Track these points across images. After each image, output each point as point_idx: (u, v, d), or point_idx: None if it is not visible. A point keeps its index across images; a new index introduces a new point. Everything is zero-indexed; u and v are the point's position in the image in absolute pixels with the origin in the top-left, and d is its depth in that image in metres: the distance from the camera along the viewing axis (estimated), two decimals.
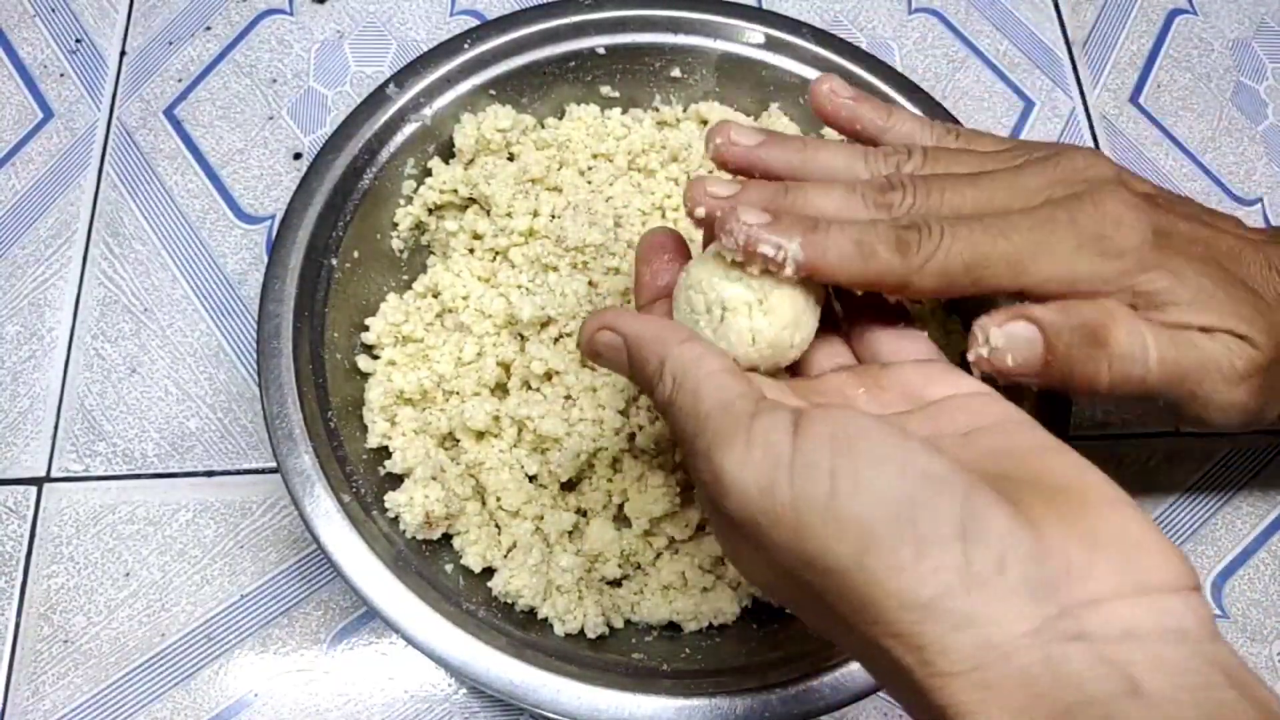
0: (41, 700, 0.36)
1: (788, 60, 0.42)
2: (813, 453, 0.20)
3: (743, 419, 0.22)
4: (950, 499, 0.19)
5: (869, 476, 0.19)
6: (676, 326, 0.25)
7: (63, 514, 0.39)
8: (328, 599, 0.38)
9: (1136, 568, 0.19)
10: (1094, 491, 0.20)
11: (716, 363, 0.24)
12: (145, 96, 0.48)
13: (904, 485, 0.19)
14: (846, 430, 0.20)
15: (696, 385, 0.23)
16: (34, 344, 0.42)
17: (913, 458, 0.20)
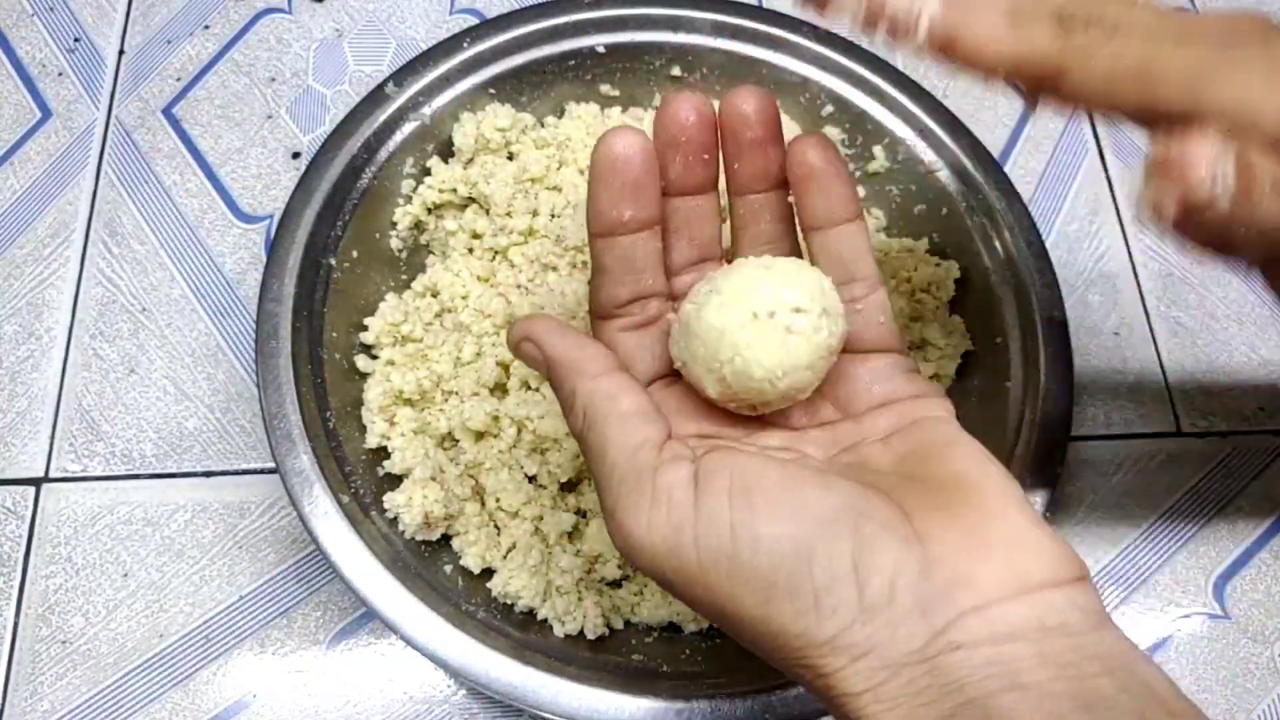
0: (40, 701, 0.36)
1: (789, 59, 0.42)
2: (713, 509, 0.21)
3: (645, 474, 0.22)
4: (843, 538, 0.20)
5: (766, 530, 0.21)
6: (596, 353, 0.25)
7: (61, 514, 0.39)
8: (326, 600, 0.38)
9: (1020, 568, 0.20)
10: (989, 489, 0.22)
11: (629, 402, 0.23)
12: (144, 96, 0.48)
13: (799, 533, 0.21)
14: (743, 478, 0.21)
15: (604, 427, 0.23)
16: (32, 344, 0.42)
17: (809, 498, 0.21)
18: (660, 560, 0.22)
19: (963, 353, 0.39)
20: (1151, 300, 0.46)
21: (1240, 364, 0.45)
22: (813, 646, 0.20)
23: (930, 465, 0.23)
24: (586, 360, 0.24)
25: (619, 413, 0.23)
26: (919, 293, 0.40)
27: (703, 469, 0.22)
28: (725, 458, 0.22)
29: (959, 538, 0.21)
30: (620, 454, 0.23)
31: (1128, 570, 0.40)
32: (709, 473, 0.22)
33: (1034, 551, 0.21)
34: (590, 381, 0.24)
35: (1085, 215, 0.47)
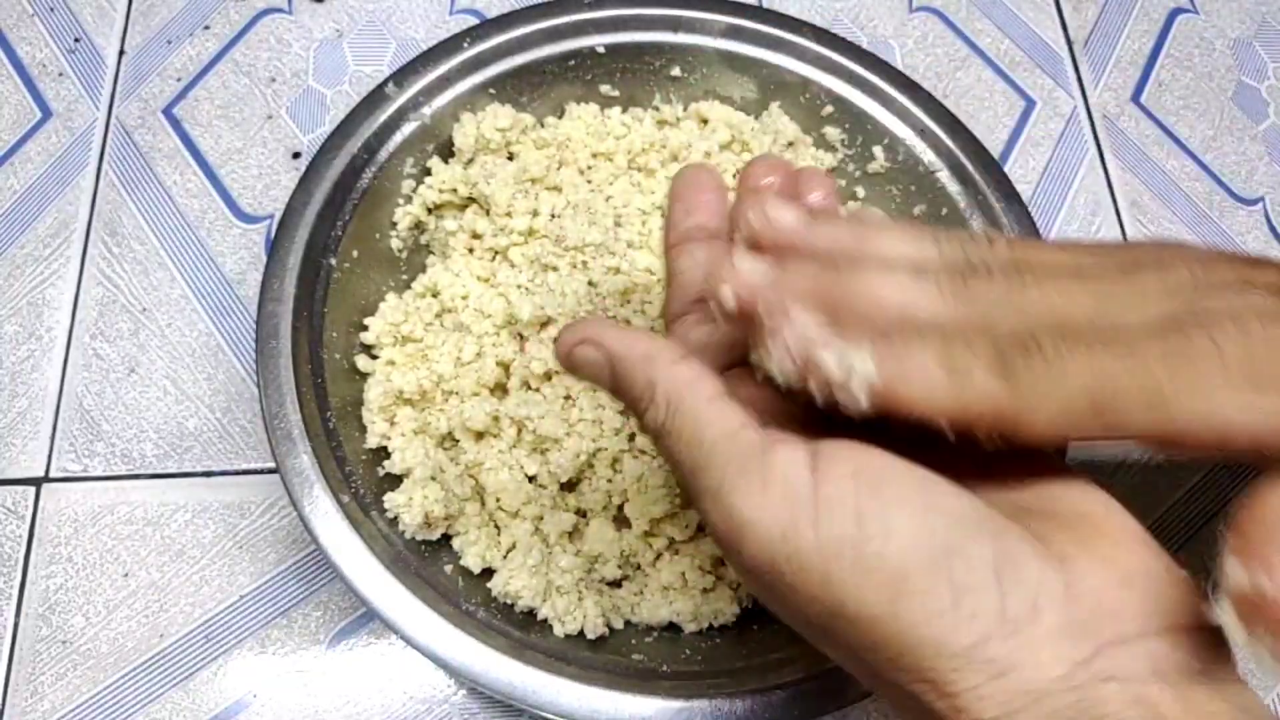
0: (40, 700, 0.36)
1: (789, 59, 0.42)
2: (837, 493, 0.19)
3: (754, 453, 0.20)
4: (982, 542, 0.19)
5: (899, 519, 0.19)
6: (667, 344, 0.23)
7: (61, 514, 0.39)
8: (327, 600, 0.38)
9: (1164, 604, 0.19)
10: (1115, 524, 0.20)
11: (713, 387, 0.22)
12: (144, 96, 0.48)
13: (935, 528, 0.19)
14: (869, 468, 0.19)
15: (696, 411, 0.21)
16: (32, 344, 0.42)
17: (940, 499, 0.19)
18: (773, 546, 0.19)
19: None
20: None
21: None
22: (944, 657, 0.18)
23: (1045, 497, 0.21)
24: (658, 349, 0.22)
25: (708, 395, 0.21)
26: None
27: (821, 454, 0.20)
28: (843, 446, 0.20)
29: (1098, 566, 0.19)
30: (721, 434, 0.20)
31: None
32: (828, 457, 0.20)
33: (1173, 588, 0.19)
34: (668, 368, 0.22)
35: (1085, 215, 0.47)
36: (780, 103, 0.43)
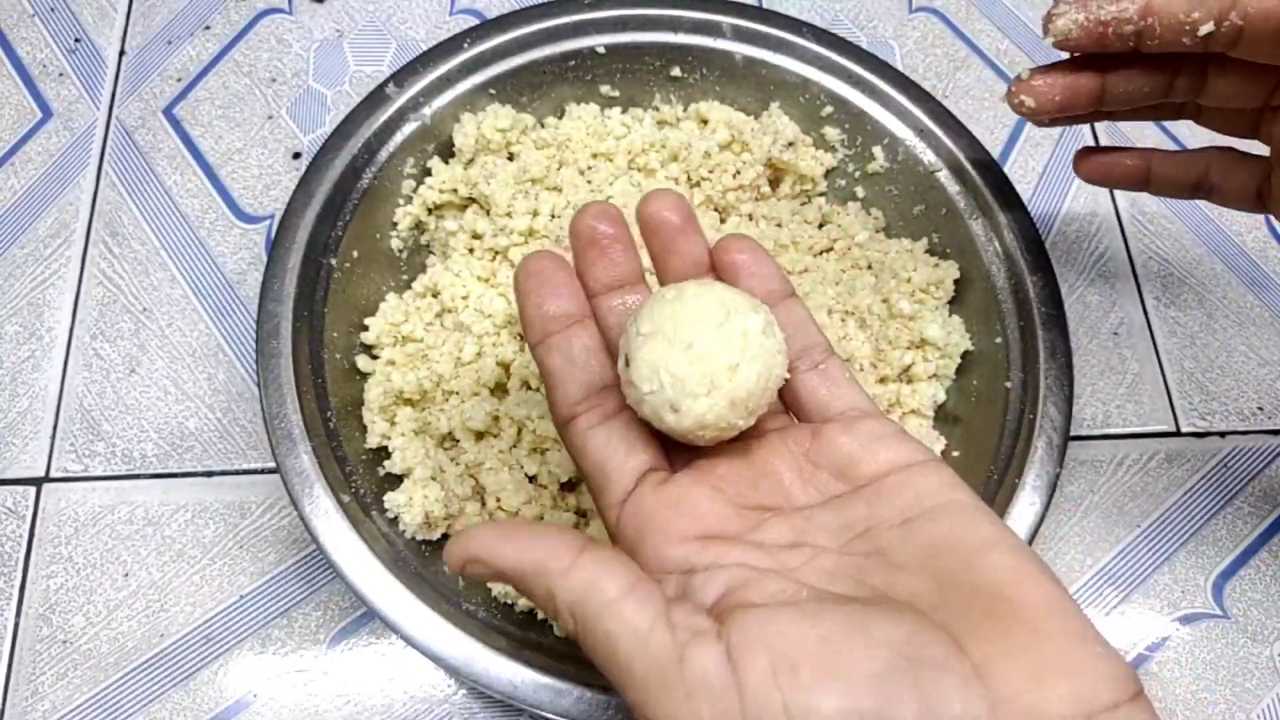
0: (40, 700, 0.36)
1: (789, 59, 0.42)
2: (760, 690, 0.19)
3: (669, 664, 0.20)
4: (905, 699, 0.19)
5: (823, 703, 0.19)
6: (554, 542, 0.22)
7: (62, 514, 0.39)
8: (327, 599, 0.38)
9: (1083, 694, 0.19)
10: (1035, 600, 0.21)
11: (615, 583, 0.21)
12: (144, 96, 0.48)
13: (858, 699, 0.19)
14: (783, 650, 0.20)
15: (602, 623, 0.21)
16: (33, 344, 0.42)
17: (856, 663, 0.20)
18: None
19: (962, 352, 0.40)
20: (1150, 300, 0.46)
21: (1239, 364, 0.45)
22: None
23: (966, 572, 0.22)
24: (549, 554, 0.22)
25: (610, 600, 0.21)
26: (918, 293, 0.40)
27: (734, 645, 0.20)
28: (754, 625, 0.20)
29: (1018, 666, 0.20)
30: (632, 647, 0.20)
31: (1127, 570, 0.40)
32: (743, 648, 0.20)
33: (1093, 673, 0.20)
34: (563, 578, 0.21)
35: (1084, 215, 0.47)
36: (780, 103, 0.43)
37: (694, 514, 0.24)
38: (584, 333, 0.27)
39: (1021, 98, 0.33)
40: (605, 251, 0.28)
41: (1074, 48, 0.31)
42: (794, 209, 0.43)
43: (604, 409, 0.27)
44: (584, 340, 0.27)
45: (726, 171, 0.41)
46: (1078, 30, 0.30)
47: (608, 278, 0.28)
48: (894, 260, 0.41)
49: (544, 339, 0.27)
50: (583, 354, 0.27)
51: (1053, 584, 0.21)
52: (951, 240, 0.41)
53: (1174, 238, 0.47)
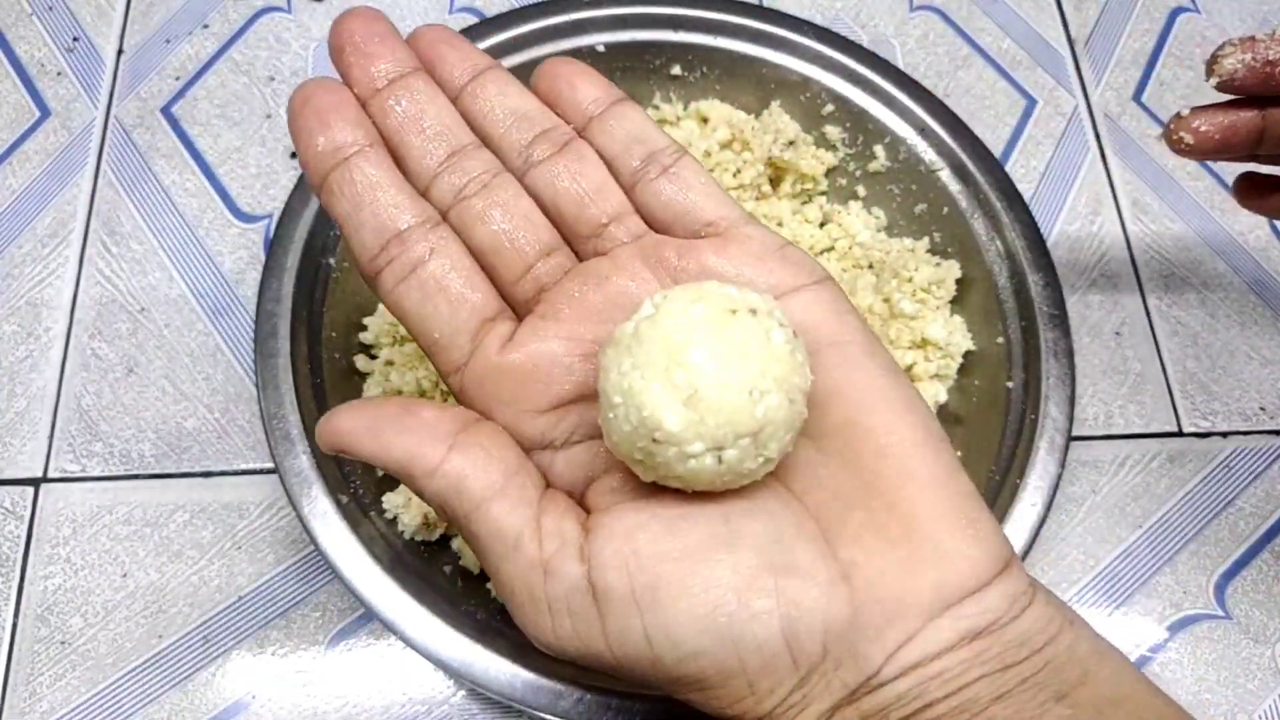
0: (39, 701, 0.36)
1: (789, 58, 0.42)
2: (621, 619, 0.19)
3: (536, 579, 0.20)
4: (768, 613, 0.19)
5: (683, 632, 0.19)
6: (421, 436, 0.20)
7: (59, 515, 0.39)
8: (325, 600, 0.38)
9: (950, 581, 0.20)
10: (915, 471, 0.20)
11: (483, 485, 0.20)
12: (142, 95, 0.48)
13: (718, 624, 0.19)
14: (645, 573, 0.19)
15: (468, 526, 0.20)
16: (31, 344, 0.42)
17: (717, 575, 0.19)
18: (578, 660, 0.20)
19: (964, 352, 0.39)
20: (1153, 300, 0.45)
21: (1241, 364, 0.44)
22: (751, 719, 0.20)
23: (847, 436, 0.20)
24: (412, 456, 0.20)
25: (477, 503, 0.20)
26: (920, 292, 0.40)
27: (596, 563, 0.19)
28: (617, 541, 0.19)
29: (885, 561, 0.20)
30: (501, 554, 0.20)
31: (1128, 571, 0.40)
32: (603, 567, 0.19)
33: (962, 557, 0.20)
34: (428, 479, 0.20)
35: (1086, 214, 0.47)
36: (780, 101, 0.43)
37: (547, 379, 0.21)
38: (368, 161, 0.22)
39: (1180, 134, 0.32)
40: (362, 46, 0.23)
41: (1239, 89, 0.30)
42: (795, 208, 0.43)
43: (409, 256, 0.22)
44: (368, 171, 0.22)
45: (727, 171, 0.41)
46: (1244, 70, 0.30)
47: (381, 71, 0.23)
48: (895, 260, 0.41)
49: (323, 180, 0.22)
50: (368, 189, 0.22)
51: (936, 451, 0.21)
52: (953, 239, 0.41)
53: (1176, 237, 0.47)
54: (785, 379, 0.19)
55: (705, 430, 0.19)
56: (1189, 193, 0.48)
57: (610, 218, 0.23)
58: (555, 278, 0.23)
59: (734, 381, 0.19)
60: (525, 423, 0.21)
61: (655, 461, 0.19)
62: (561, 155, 0.23)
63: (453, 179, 0.23)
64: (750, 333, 0.19)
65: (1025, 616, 0.20)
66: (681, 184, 0.23)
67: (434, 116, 0.23)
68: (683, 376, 0.19)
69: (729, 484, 0.20)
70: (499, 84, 0.24)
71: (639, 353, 0.19)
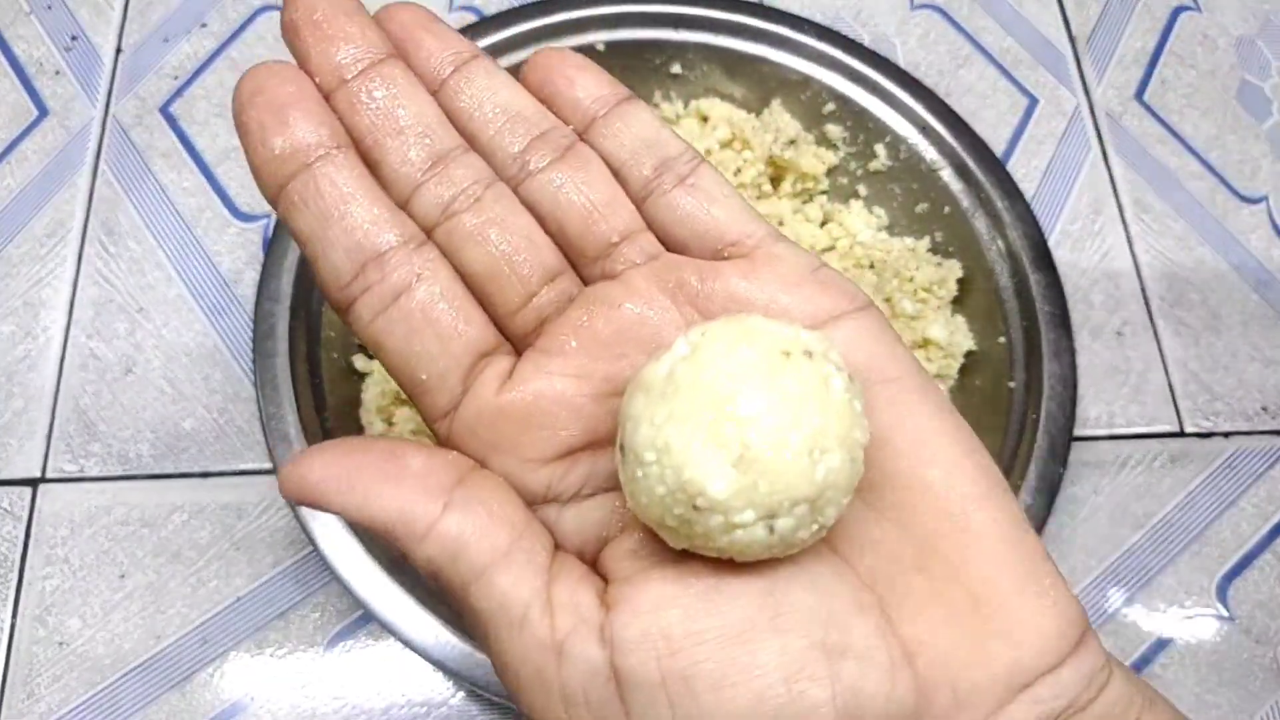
0: (37, 703, 0.36)
1: (790, 57, 0.42)
2: (649, 707, 0.16)
3: (548, 662, 0.17)
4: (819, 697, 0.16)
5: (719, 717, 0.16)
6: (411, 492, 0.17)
7: (57, 515, 0.39)
8: (324, 601, 0.38)
9: (1022, 661, 0.17)
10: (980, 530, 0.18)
11: (485, 551, 0.17)
12: (141, 94, 0.47)
13: (761, 711, 0.16)
14: (677, 662, 0.16)
15: (467, 599, 0.17)
16: (29, 344, 0.42)
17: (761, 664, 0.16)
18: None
19: (965, 352, 0.39)
20: (1155, 299, 0.45)
21: (1244, 364, 0.44)
22: None
23: (902, 490, 0.18)
24: (400, 517, 0.17)
25: (479, 571, 0.17)
26: (921, 292, 0.40)
27: (617, 645, 0.16)
28: (643, 618, 0.17)
29: (952, 639, 0.17)
30: (505, 633, 0.17)
31: (1131, 571, 0.40)
32: (628, 653, 0.16)
33: (1036, 631, 0.17)
34: (420, 544, 0.17)
35: (1088, 214, 0.47)
36: (781, 100, 0.43)
37: (552, 424, 0.19)
38: (337, 168, 0.19)
39: None
40: (324, 25, 0.19)
41: None
42: (796, 207, 0.43)
43: (391, 282, 0.18)
44: (338, 179, 0.18)
45: (727, 170, 0.41)
46: None
47: (349, 56, 0.19)
48: (896, 259, 0.40)
49: (280, 190, 0.19)
50: (339, 202, 0.18)
51: (1001, 507, 0.18)
52: (954, 239, 0.41)
53: (1178, 237, 0.47)
54: (847, 435, 0.16)
55: (758, 497, 0.16)
56: (1191, 192, 0.48)
57: (621, 235, 0.20)
58: (559, 306, 0.20)
59: (793, 440, 0.16)
60: (528, 474, 0.18)
61: (693, 530, 0.16)
62: (563, 162, 0.20)
63: (439, 190, 0.19)
64: (807, 379, 0.16)
65: (1103, 698, 0.18)
66: (701, 196, 0.20)
67: (414, 114, 0.20)
68: (732, 431, 0.16)
69: (775, 555, 0.17)
70: (487, 77, 0.21)
71: (676, 402, 0.16)
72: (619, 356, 0.19)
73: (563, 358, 0.19)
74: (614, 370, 0.19)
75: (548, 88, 0.21)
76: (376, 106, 0.19)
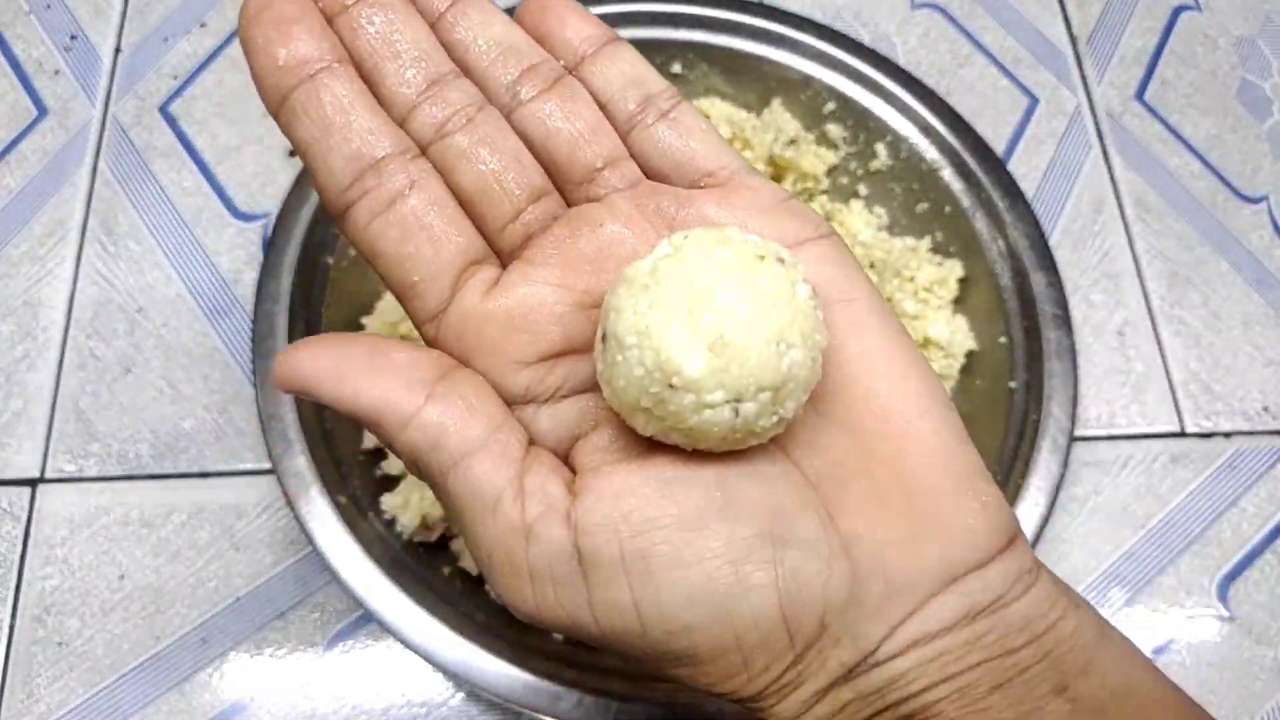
0: (36, 703, 0.36)
1: (790, 56, 0.42)
2: (610, 592, 0.18)
3: (516, 544, 0.18)
4: (765, 586, 0.18)
5: (676, 606, 0.18)
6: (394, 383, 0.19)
7: (57, 515, 0.39)
8: (324, 602, 0.38)
9: (953, 555, 0.19)
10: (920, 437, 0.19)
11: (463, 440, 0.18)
12: (140, 93, 0.47)
13: (714, 598, 0.18)
14: (637, 543, 0.18)
15: (445, 484, 0.19)
16: (28, 343, 0.42)
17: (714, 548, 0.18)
18: (562, 631, 0.19)
19: (966, 352, 0.39)
20: (1155, 299, 0.45)
21: (1245, 364, 0.44)
22: (739, 696, 0.19)
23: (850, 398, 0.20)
24: (385, 406, 0.19)
25: (456, 459, 0.18)
26: (922, 292, 0.40)
27: (583, 527, 0.18)
28: (606, 503, 0.18)
29: (887, 535, 0.19)
30: (479, 516, 0.18)
31: (1132, 571, 0.40)
32: (591, 534, 0.18)
33: (967, 530, 0.19)
34: (402, 431, 0.19)
35: (1089, 213, 0.47)
36: (781, 100, 0.43)
37: (534, 329, 0.20)
38: (338, 80, 0.20)
39: None
40: None
41: None
42: None
43: (387, 188, 0.20)
44: (338, 91, 0.19)
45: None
46: None
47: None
48: (897, 259, 0.40)
49: (283, 100, 0.20)
50: (339, 111, 0.19)
51: (942, 419, 0.20)
52: (955, 238, 0.41)
53: (1179, 236, 0.47)
54: (809, 335, 0.18)
55: (728, 379, 0.17)
56: (1191, 192, 0.48)
57: (605, 162, 0.21)
58: (544, 224, 0.21)
59: (762, 331, 0.17)
60: (509, 375, 0.20)
61: (666, 410, 0.18)
62: (552, 92, 0.21)
63: (434, 111, 0.20)
64: (778, 282, 0.18)
65: (1028, 597, 0.19)
66: (681, 130, 0.22)
67: (411, 39, 0.21)
68: (709, 319, 0.17)
69: (737, 443, 0.18)
70: (482, 11, 0.22)
71: (658, 292, 0.18)
72: (599, 271, 0.20)
73: (547, 269, 0.20)
74: (594, 284, 0.20)
75: (541, 28, 0.22)
76: (376, 31, 0.20)
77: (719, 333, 0.17)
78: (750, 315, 0.17)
